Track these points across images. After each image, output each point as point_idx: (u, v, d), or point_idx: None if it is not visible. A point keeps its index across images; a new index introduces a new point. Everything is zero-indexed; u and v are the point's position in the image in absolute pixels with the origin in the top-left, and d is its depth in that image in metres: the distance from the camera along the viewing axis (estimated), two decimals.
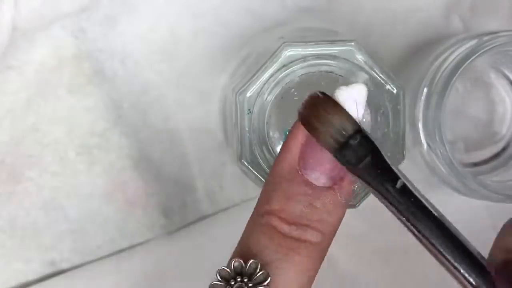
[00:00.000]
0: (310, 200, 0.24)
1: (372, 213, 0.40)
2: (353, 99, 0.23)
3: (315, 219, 0.24)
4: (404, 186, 0.23)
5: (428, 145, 0.35)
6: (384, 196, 0.24)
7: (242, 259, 0.24)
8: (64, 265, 0.39)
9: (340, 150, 0.23)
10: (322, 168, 0.24)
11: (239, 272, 0.24)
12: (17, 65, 0.38)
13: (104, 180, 0.39)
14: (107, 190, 0.39)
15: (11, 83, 0.38)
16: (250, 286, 0.24)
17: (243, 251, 0.25)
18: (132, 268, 0.39)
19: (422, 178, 0.40)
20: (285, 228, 0.24)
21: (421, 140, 0.35)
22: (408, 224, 0.23)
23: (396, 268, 0.40)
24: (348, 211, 0.26)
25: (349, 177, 0.25)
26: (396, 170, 0.24)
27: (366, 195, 0.29)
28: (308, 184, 0.24)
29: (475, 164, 0.40)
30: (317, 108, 0.23)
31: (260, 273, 0.24)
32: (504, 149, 0.40)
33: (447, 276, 0.40)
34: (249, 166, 0.28)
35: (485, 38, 0.33)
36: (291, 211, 0.24)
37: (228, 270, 0.24)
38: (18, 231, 0.39)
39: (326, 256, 0.26)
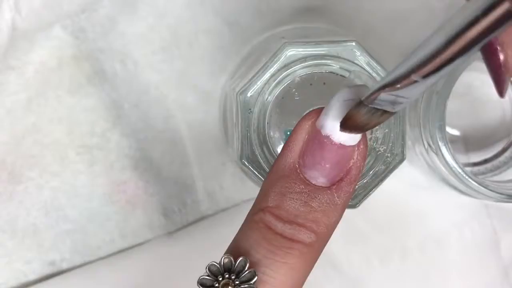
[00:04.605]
0: (306, 199, 0.24)
1: (372, 213, 0.40)
2: (355, 100, 0.23)
3: (310, 219, 0.24)
4: None
5: (428, 145, 0.35)
6: None
7: (232, 256, 0.24)
8: (64, 265, 0.39)
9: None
10: (322, 168, 0.24)
11: (228, 269, 0.24)
12: (18, 65, 0.38)
13: (104, 180, 0.39)
14: (107, 190, 0.39)
15: (12, 83, 0.38)
16: (237, 284, 0.23)
17: (235, 247, 0.24)
18: (132, 268, 0.39)
19: (422, 178, 0.40)
20: (278, 226, 0.24)
21: (421, 140, 0.35)
22: None
23: (396, 268, 0.40)
24: (349, 211, 0.26)
25: (348, 178, 0.24)
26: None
27: (366, 195, 0.29)
28: (306, 182, 0.24)
29: (475, 164, 0.40)
30: None
31: (248, 271, 0.23)
32: (504, 149, 0.40)
33: (447, 276, 0.40)
34: (249, 166, 0.28)
35: None
36: (286, 209, 0.24)
37: (217, 265, 0.24)
38: (19, 231, 0.38)
39: (327, 256, 0.26)
